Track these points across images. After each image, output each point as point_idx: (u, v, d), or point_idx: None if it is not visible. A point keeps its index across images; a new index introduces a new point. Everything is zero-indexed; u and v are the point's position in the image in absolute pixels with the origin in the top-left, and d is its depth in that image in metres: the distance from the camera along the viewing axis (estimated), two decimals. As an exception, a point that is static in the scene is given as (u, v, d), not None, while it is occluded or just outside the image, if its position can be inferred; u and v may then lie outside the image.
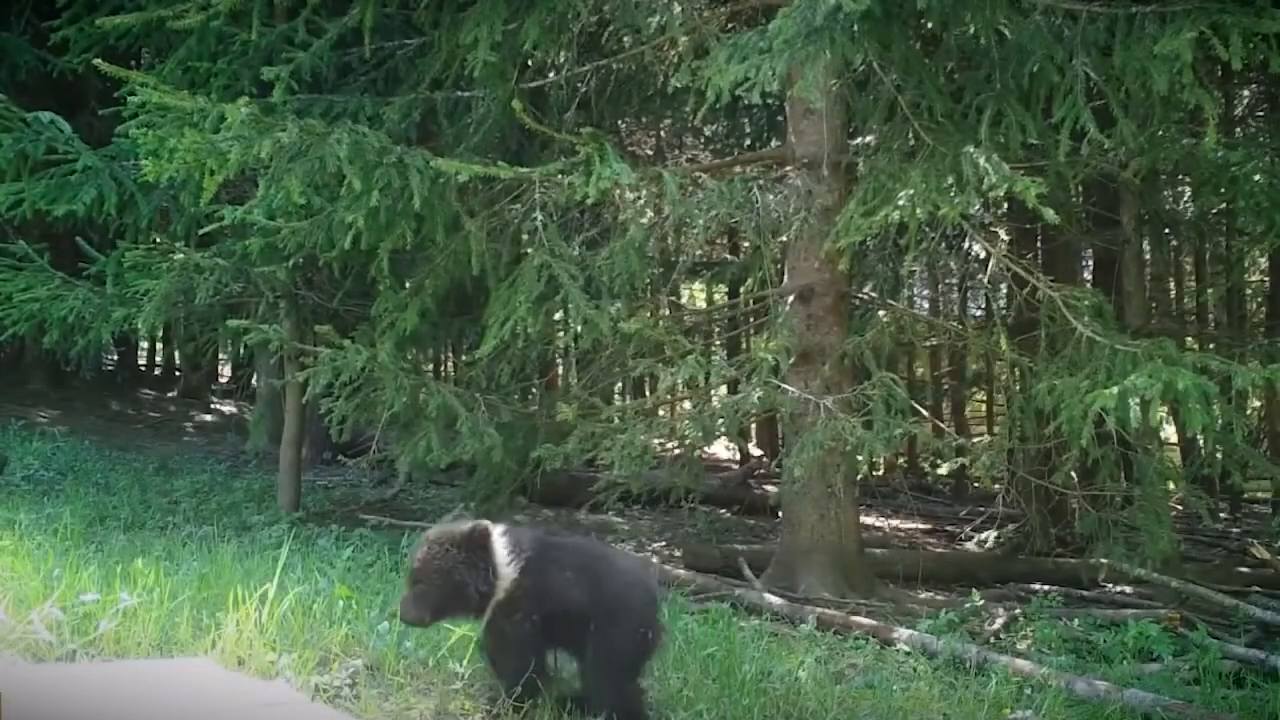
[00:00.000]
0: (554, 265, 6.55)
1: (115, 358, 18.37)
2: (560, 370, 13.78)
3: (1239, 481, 7.14)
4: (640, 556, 3.52)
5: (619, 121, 11.44)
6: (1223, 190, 7.42)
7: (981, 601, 6.64)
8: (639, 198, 7.22)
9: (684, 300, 18.78)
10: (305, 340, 7.64)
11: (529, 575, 3.13)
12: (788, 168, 7.63)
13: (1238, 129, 13.49)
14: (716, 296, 19.24)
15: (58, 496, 8.21)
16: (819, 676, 4.36)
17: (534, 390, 9.23)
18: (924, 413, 8.87)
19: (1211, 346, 8.15)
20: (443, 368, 16.42)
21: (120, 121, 6.89)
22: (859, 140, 7.72)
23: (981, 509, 11.39)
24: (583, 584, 3.23)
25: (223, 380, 19.65)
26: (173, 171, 6.38)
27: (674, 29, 7.06)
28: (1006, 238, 8.52)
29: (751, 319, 9.85)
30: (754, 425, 16.56)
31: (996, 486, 8.09)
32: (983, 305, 12.53)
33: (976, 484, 13.95)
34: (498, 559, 3.12)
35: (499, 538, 3.15)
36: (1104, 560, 7.49)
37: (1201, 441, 7.52)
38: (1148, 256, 10.74)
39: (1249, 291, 16.12)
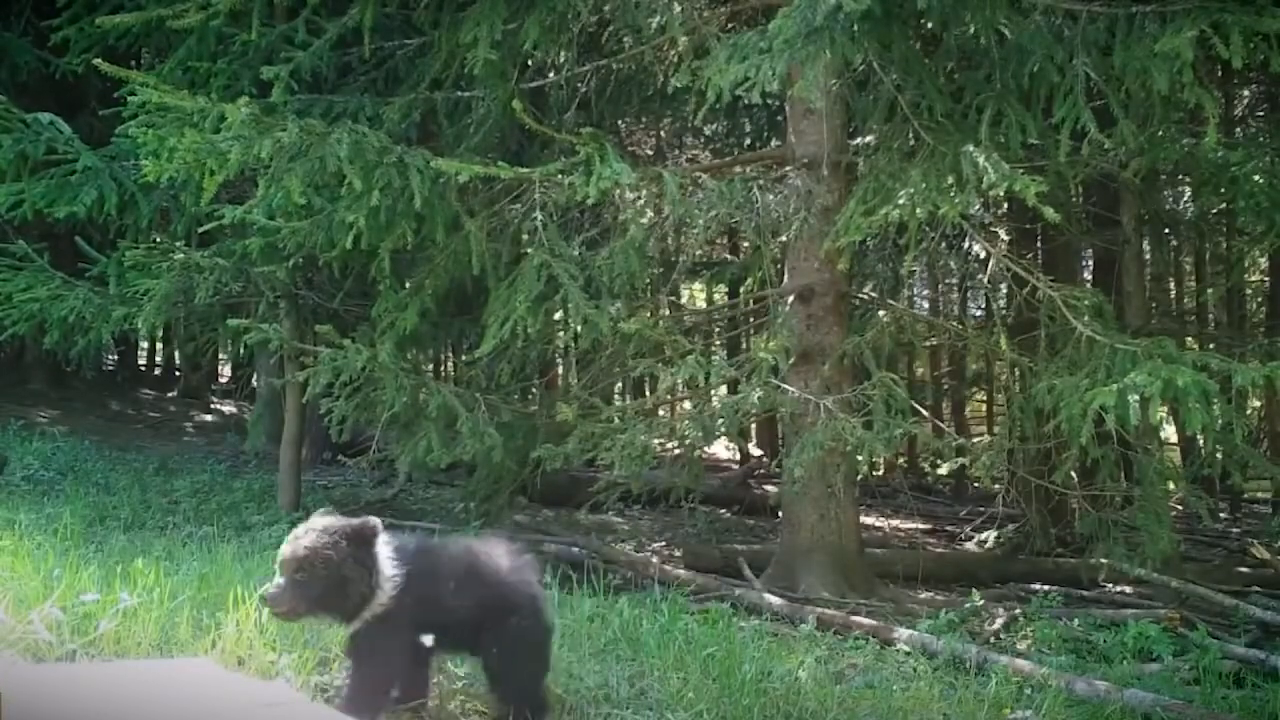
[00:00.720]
0: (554, 265, 6.55)
1: (115, 358, 18.37)
2: (560, 370, 13.79)
3: (1239, 481, 7.14)
4: (523, 552, 3.40)
5: (619, 121, 11.45)
6: (1223, 190, 7.43)
7: (981, 601, 6.63)
8: (639, 198, 7.22)
9: (684, 300, 18.79)
10: (305, 340, 7.64)
11: (410, 590, 2.96)
12: (788, 168, 7.63)
13: (1238, 129, 13.50)
14: (716, 296, 19.25)
15: (58, 496, 8.21)
16: (819, 676, 4.36)
17: (534, 390, 9.23)
18: (924, 413, 8.87)
19: (1211, 346, 8.15)
20: (443, 368, 16.42)
21: (120, 121, 6.88)
22: (859, 140, 7.72)
23: (981, 509, 11.40)
24: (469, 590, 3.11)
25: (223, 380, 19.65)
26: (173, 171, 6.37)
27: (674, 29, 7.06)
28: (1006, 238, 8.52)
29: (751, 319, 9.85)
30: (754, 425, 16.57)
31: (996, 486, 8.10)
32: (983, 305, 12.54)
33: (976, 484, 13.97)
34: (383, 562, 2.95)
35: (384, 540, 2.99)
36: (1104, 560, 7.49)
37: (1201, 441, 7.52)
38: (1148, 256, 10.75)
39: (1249, 291, 16.13)
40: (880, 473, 15.42)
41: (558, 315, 7.94)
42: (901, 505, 12.45)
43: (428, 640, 3.07)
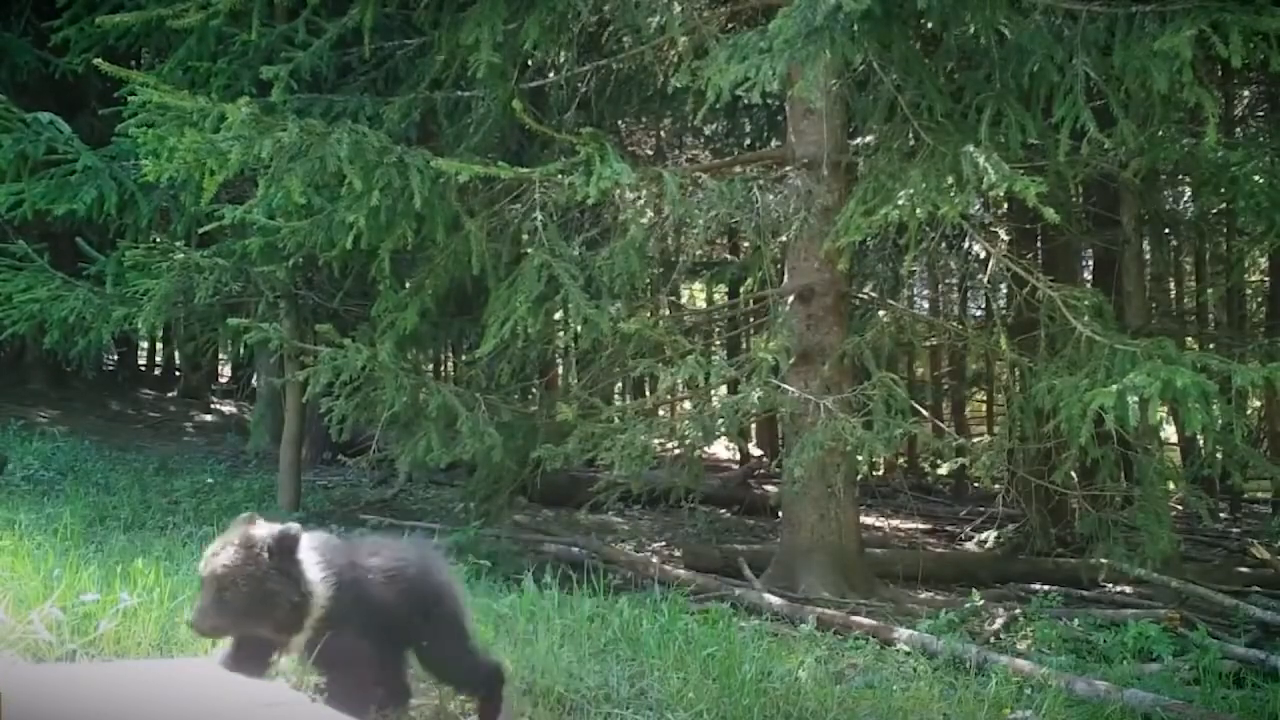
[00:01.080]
0: (554, 265, 6.55)
1: (115, 358, 18.37)
2: (560, 370, 13.79)
3: (1239, 481, 7.14)
4: (432, 545, 3.37)
5: (619, 121, 11.44)
6: (1223, 190, 7.43)
7: (981, 601, 6.64)
8: (639, 198, 7.22)
9: (684, 300, 18.79)
10: (305, 340, 7.64)
11: (346, 590, 2.89)
12: (788, 168, 7.63)
13: (1238, 129, 13.50)
14: (716, 296, 19.25)
15: (58, 496, 8.21)
16: (819, 676, 4.36)
17: (534, 390, 9.23)
18: (924, 413, 8.87)
19: (1211, 346, 8.15)
20: (443, 368, 16.42)
21: (120, 121, 6.89)
22: (859, 140, 7.72)
23: (981, 509, 11.41)
24: (395, 583, 3.05)
25: (223, 380, 19.65)
26: (173, 171, 6.37)
27: (674, 29, 7.06)
28: (1006, 238, 8.53)
29: (751, 319, 9.85)
30: (754, 425, 16.57)
31: (996, 486, 8.10)
32: (983, 305, 12.55)
33: (976, 484, 13.97)
34: (309, 569, 2.85)
35: (308, 545, 2.90)
36: (1104, 560, 7.49)
37: (1201, 441, 7.53)
38: (1148, 256, 10.75)
39: (1249, 291, 16.12)
40: (880, 473, 15.42)
41: (558, 315, 7.94)
42: (901, 505, 12.45)
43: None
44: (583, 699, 3.56)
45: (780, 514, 8.38)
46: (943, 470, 15.87)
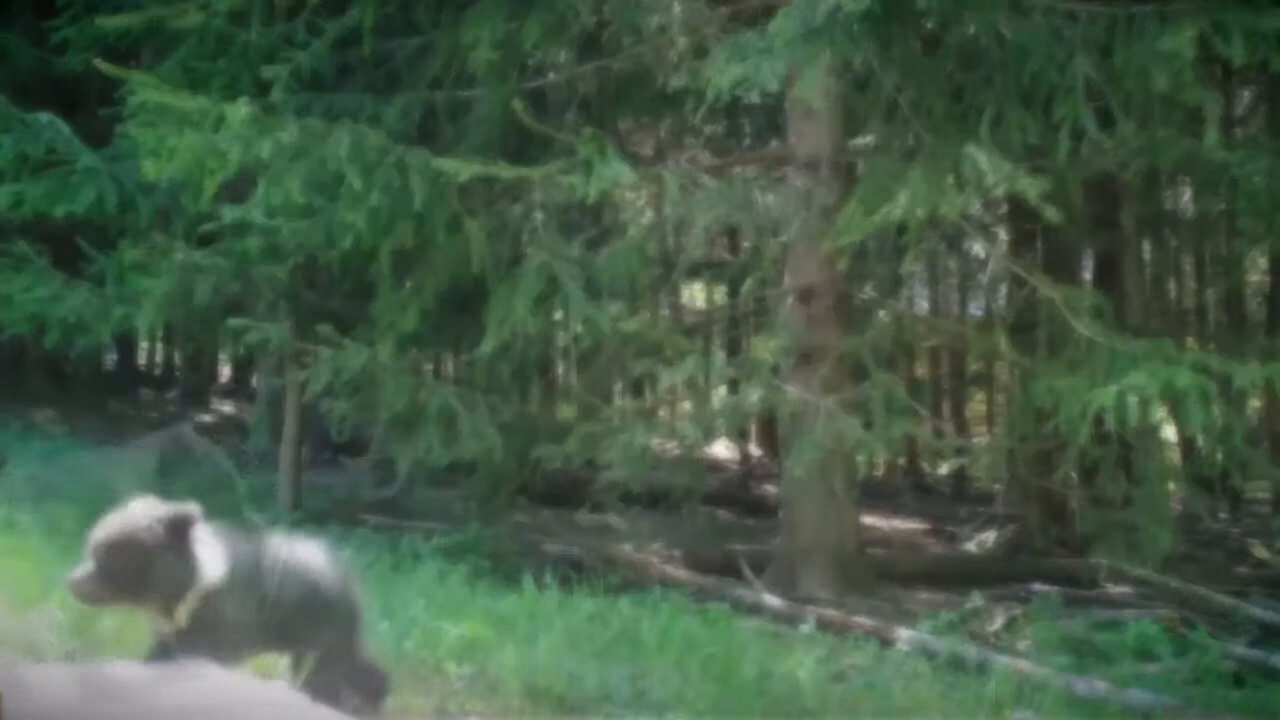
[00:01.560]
0: (554, 265, 6.55)
1: (115, 357, 18.36)
2: (560, 370, 13.79)
3: (1239, 481, 7.14)
4: (336, 551, 3.32)
5: (619, 121, 11.43)
6: (1223, 190, 7.44)
7: (981, 601, 6.63)
8: (639, 198, 7.22)
9: (684, 300, 18.78)
10: (305, 340, 7.63)
11: (235, 576, 2.85)
12: (788, 168, 7.63)
13: (1238, 129, 13.50)
14: (716, 296, 19.23)
15: (58, 496, 8.20)
16: (819, 676, 4.36)
17: (534, 390, 9.22)
18: (924, 413, 8.87)
19: (1211, 346, 8.15)
20: (443, 368, 16.41)
21: (120, 121, 6.89)
22: (859, 140, 7.72)
23: (981, 509, 11.41)
24: (293, 579, 3.00)
25: (223, 380, 19.65)
26: (173, 171, 6.38)
27: (674, 29, 7.06)
28: (1006, 238, 8.53)
29: (751, 319, 9.85)
30: (754, 425, 16.57)
31: (996, 486, 8.11)
32: (983, 305, 12.55)
33: (977, 484, 13.98)
34: (200, 549, 2.81)
35: (206, 530, 2.87)
36: (1104, 560, 7.49)
37: (1201, 441, 7.54)
38: (1148, 256, 10.76)
39: (1249, 291, 16.12)
40: (880, 473, 15.42)
41: (558, 315, 7.93)
42: (901, 505, 12.45)
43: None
44: (583, 699, 3.56)
45: (780, 514, 8.38)
46: (943, 470, 15.88)
